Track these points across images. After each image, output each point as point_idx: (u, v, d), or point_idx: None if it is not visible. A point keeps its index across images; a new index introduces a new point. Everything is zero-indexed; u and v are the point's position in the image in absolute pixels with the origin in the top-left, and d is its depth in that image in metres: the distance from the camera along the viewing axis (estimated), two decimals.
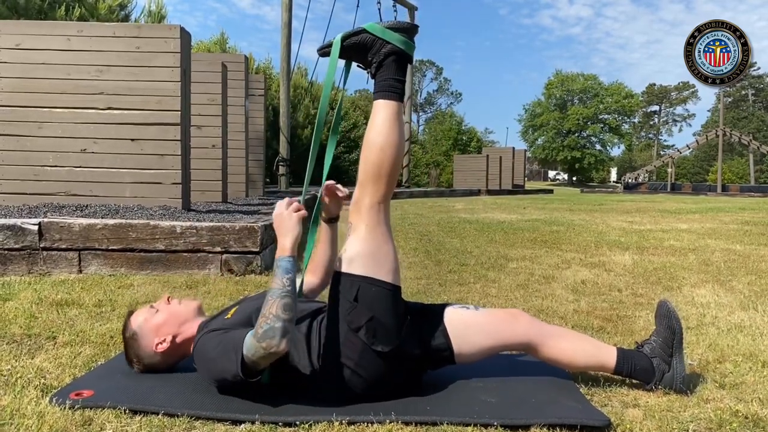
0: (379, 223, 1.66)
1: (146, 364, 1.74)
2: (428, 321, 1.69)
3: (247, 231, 3.44)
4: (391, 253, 1.67)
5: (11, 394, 1.60)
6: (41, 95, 4.82)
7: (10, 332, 2.21)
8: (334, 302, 1.63)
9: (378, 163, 1.66)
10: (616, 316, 2.75)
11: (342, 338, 1.58)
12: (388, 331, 1.59)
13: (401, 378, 1.64)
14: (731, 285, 3.55)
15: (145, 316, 1.75)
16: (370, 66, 1.72)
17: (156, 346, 1.72)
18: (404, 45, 1.69)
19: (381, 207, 1.67)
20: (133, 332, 1.73)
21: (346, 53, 1.74)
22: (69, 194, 4.80)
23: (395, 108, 1.69)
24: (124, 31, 4.88)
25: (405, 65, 1.72)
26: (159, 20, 13.12)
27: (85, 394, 1.58)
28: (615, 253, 4.81)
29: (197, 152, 5.92)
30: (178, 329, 1.73)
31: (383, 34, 1.69)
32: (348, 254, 1.65)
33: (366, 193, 1.67)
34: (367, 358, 1.57)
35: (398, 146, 1.69)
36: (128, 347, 1.75)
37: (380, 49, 1.69)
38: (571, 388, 1.76)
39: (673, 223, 7.97)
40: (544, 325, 1.80)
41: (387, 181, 1.67)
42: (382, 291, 1.61)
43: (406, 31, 1.70)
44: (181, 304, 1.78)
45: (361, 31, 1.71)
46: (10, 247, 3.32)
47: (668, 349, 1.76)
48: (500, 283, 3.50)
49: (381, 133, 1.67)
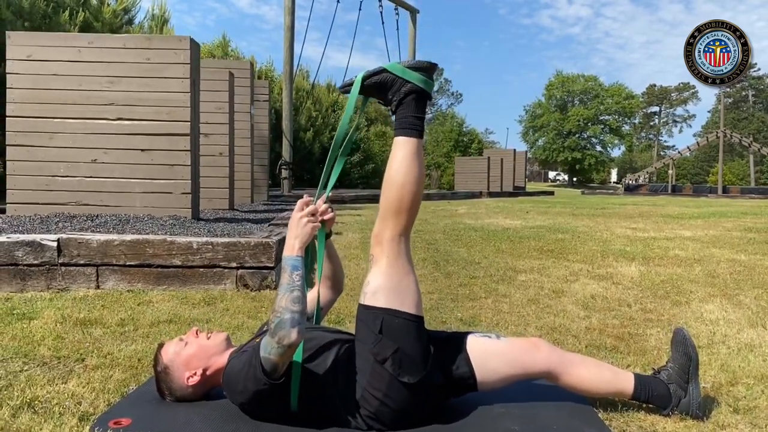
0: (400, 255, 1.71)
1: (178, 396, 1.79)
2: (451, 350, 1.75)
3: (262, 246, 3.49)
4: (412, 284, 1.72)
5: (51, 423, 1.65)
6: (52, 106, 4.87)
7: (40, 354, 2.27)
8: (359, 335, 1.68)
9: (399, 199, 1.71)
10: (628, 335, 2.80)
11: (369, 370, 1.63)
12: (413, 362, 1.64)
13: (427, 409, 1.69)
14: (738, 299, 3.61)
15: (175, 349, 1.79)
16: (390, 104, 1.77)
17: (187, 379, 1.76)
18: (424, 84, 1.74)
19: (402, 239, 1.72)
20: (165, 366, 1.77)
21: (366, 91, 1.79)
22: (80, 204, 4.85)
23: (415, 145, 1.74)
24: (135, 43, 4.93)
25: (425, 103, 1.77)
26: (162, 24, 13.17)
27: (123, 423, 1.63)
28: (621, 264, 4.86)
29: (205, 160, 5.98)
30: (208, 362, 1.77)
31: (403, 73, 1.74)
32: (371, 287, 1.69)
33: (387, 226, 1.71)
34: (395, 389, 1.62)
35: (418, 182, 1.74)
36: (160, 380, 1.79)
37: (400, 88, 1.74)
38: (591, 413, 1.81)
39: (677, 230, 8.03)
40: (564, 354, 1.86)
41: (407, 215, 1.72)
42: (405, 322, 1.66)
43: (426, 71, 1.76)
44: (210, 338, 1.82)
45: (382, 71, 1.76)
46: (29, 262, 3.37)
47: (684, 376, 1.82)
48: (511, 298, 3.55)
49: (400, 171, 1.72)
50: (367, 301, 1.69)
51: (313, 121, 18.73)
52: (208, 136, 6.44)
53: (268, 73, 18.43)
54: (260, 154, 9.24)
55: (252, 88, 8.23)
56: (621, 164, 62.13)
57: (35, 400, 1.82)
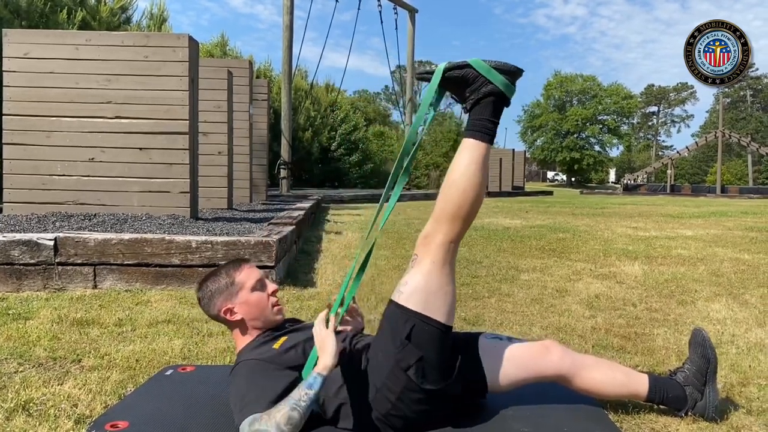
0: (447, 262, 1.64)
1: (204, 299, 1.73)
2: (463, 354, 1.69)
3: (262, 246, 3.43)
4: (451, 294, 1.64)
5: (46, 426, 1.60)
6: (49, 104, 4.81)
7: (35, 355, 2.21)
8: (383, 333, 1.63)
9: (458, 204, 1.63)
10: (634, 334, 2.76)
11: (387, 372, 1.58)
12: (436, 371, 1.59)
13: (439, 417, 1.64)
14: (744, 299, 3.56)
15: (251, 284, 1.71)
16: (466, 101, 1.69)
17: (224, 311, 1.70)
18: (506, 88, 1.66)
19: (452, 247, 1.65)
20: (232, 281, 1.70)
21: (445, 83, 1.70)
22: (77, 203, 4.80)
23: (484, 150, 1.66)
24: (133, 40, 4.88)
25: (502, 108, 1.68)
26: (161, 23, 13.10)
27: (120, 426, 1.58)
28: (624, 263, 4.82)
29: (203, 159, 5.92)
30: (248, 321, 1.71)
31: (488, 73, 1.65)
32: (409, 287, 1.62)
33: (440, 229, 1.64)
34: (410, 394, 1.57)
35: (481, 190, 1.65)
36: (212, 281, 1.72)
37: (481, 87, 1.65)
38: (602, 416, 1.77)
39: (678, 229, 7.99)
40: (576, 356, 1.80)
41: (463, 222, 1.65)
42: (435, 331, 1.59)
43: (511, 75, 1.67)
44: (276, 310, 1.74)
45: (466, 65, 1.67)
46: (25, 262, 3.31)
47: (702, 378, 1.77)
48: (514, 297, 3.50)
49: (465, 175, 1.64)
50: (402, 300, 1.61)
51: (311, 121, 18.66)
52: (207, 135, 6.38)
53: (267, 73, 18.36)
54: (259, 153, 9.18)
55: (251, 87, 8.18)
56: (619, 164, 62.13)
57: (30, 402, 1.77)
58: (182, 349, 2.34)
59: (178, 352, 2.30)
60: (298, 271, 4.15)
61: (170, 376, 1.99)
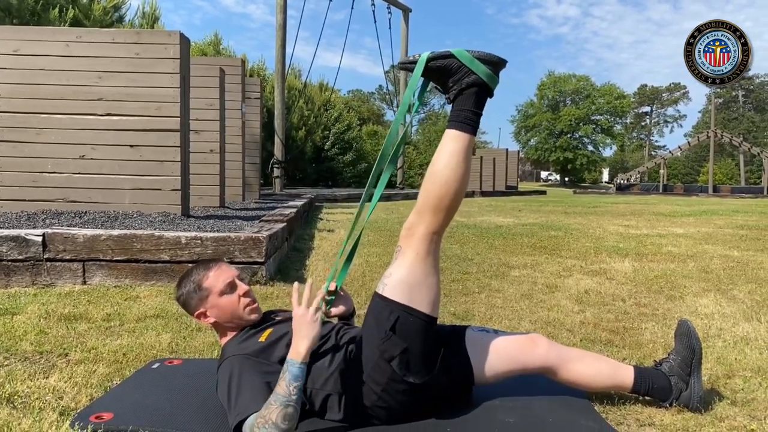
0: (430, 254, 1.63)
1: (180, 302, 1.77)
2: (449, 346, 1.69)
3: (252, 241, 3.43)
4: (435, 285, 1.65)
5: (30, 418, 1.59)
6: (40, 101, 4.79)
7: (22, 349, 2.20)
8: (368, 325, 1.63)
9: (440, 196, 1.63)
10: (623, 328, 2.77)
11: (372, 364, 1.58)
12: (420, 363, 1.59)
13: (424, 408, 1.65)
14: (732, 294, 3.59)
15: (220, 287, 1.71)
16: (449, 91, 1.68)
17: (198, 315, 1.73)
18: (488, 78, 1.65)
19: (435, 238, 1.64)
20: (200, 286, 1.72)
21: (428, 73, 1.69)
22: (68, 201, 4.78)
23: (467, 141, 1.65)
24: (124, 37, 4.86)
25: (485, 99, 1.67)
26: (153, 21, 13.07)
27: (105, 417, 1.57)
28: (615, 260, 4.84)
29: (195, 157, 5.90)
30: (223, 323, 1.73)
31: (471, 63, 1.64)
32: (393, 279, 1.62)
33: (422, 221, 1.63)
34: (395, 386, 1.57)
35: (464, 181, 1.65)
36: (187, 281, 1.75)
37: (464, 78, 1.64)
38: (587, 407, 1.77)
39: (669, 227, 8.03)
40: (562, 349, 1.81)
41: (446, 213, 1.65)
42: (419, 322, 1.60)
43: (494, 65, 1.66)
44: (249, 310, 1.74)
45: (449, 55, 1.65)
46: (13, 258, 3.29)
47: (687, 368, 1.78)
48: (504, 293, 3.51)
49: (448, 166, 1.63)
50: (386, 292, 1.62)
51: (305, 120, 18.64)
52: (199, 132, 6.37)
53: (260, 72, 18.33)
54: (252, 152, 9.16)
55: (243, 86, 8.15)
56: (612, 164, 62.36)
57: (15, 395, 1.76)
58: (170, 344, 2.34)
59: (166, 347, 2.30)
60: (290, 267, 4.15)
61: (157, 369, 1.99)
